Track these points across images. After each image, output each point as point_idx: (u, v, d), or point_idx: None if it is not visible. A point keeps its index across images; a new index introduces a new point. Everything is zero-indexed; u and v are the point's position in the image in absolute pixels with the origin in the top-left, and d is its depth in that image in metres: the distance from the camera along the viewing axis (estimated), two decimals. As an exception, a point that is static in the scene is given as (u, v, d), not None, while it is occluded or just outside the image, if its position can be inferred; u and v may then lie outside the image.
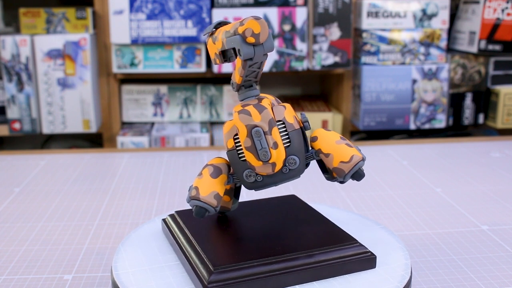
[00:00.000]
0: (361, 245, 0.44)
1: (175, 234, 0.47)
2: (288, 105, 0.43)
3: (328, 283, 0.42)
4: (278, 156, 0.42)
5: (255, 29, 0.40)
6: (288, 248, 0.43)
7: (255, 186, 0.43)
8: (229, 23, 0.44)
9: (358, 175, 0.43)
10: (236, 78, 0.43)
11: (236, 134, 0.43)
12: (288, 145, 0.43)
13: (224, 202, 0.48)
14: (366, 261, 0.43)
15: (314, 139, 0.44)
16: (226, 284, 0.40)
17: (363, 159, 0.44)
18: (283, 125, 0.43)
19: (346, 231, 0.48)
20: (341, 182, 0.45)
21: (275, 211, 0.50)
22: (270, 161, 0.42)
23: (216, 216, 0.50)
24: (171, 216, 0.50)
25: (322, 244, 0.44)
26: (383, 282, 0.42)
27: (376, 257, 0.44)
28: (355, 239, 0.45)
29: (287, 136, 0.43)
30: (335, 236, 0.45)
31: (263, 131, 0.41)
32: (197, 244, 0.44)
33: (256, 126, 0.41)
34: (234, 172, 0.44)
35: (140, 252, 0.47)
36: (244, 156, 0.43)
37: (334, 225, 0.48)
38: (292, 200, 0.53)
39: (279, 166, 0.42)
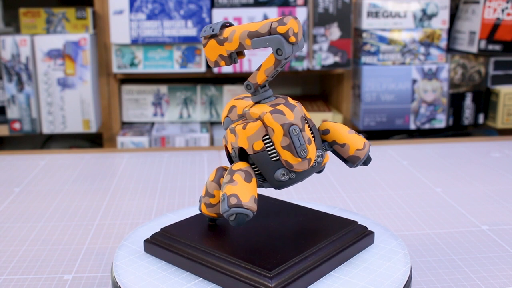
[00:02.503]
0: (360, 224, 0.48)
1: (178, 251, 0.45)
2: (299, 103, 0.44)
3: (351, 263, 0.45)
4: (312, 151, 0.43)
5: (295, 28, 0.40)
6: (311, 241, 0.44)
7: (286, 184, 0.43)
8: (232, 24, 0.44)
9: (368, 159, 0.47)
10: (259, 79, 0.43)
11: (266, 135, 0.42)
12: (313, 140, 0.44)
13: None
14: (368, 238, 0.47)
15: (326, 132, 0.46)
16: (287, 284, 0.40)
17: (370, 145, 0.47)
18: (306, 121, 0.44)
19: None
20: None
21: (258, 211, 0.50)
22: (307, 157, 0.42)
23: (207, 224, 0.48)
24: (159, 234, 0.47)
25: (333, 232, 0.46)
26: (383, 282, 0.42)
27: (374, 232, 0.48)
28: (354, 221, 0.48)
29: (311, 131, 0.44)
30: (338, 223, 0.48)
31: (299, 128, 0.42)
32: (224, 255, 0.42)
33: (292, 124, 0.42)
34: (263, 173, 0.43)
35: (140, 252, 0.47)
36: (276, 156, 0.42)
37: (327, 214, 0.50)
38: (260, 198, 0.54)
39: (312, 160, 0.43)
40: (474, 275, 0.47)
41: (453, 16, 1.52)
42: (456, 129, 1.55)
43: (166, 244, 0.46)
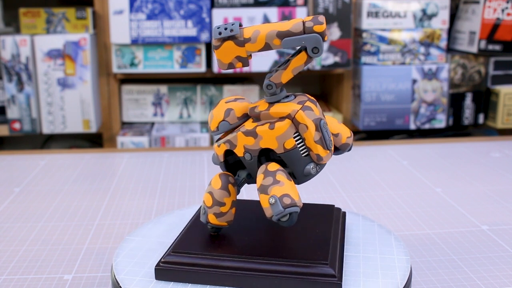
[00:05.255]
0: (336, 207, 0.51)
1: (209, 267, 0.42)
2: None
3: (352, 247, 0.46)
4: (333, 142, 0.45)
5: (326, 27, 0.42)
6: (323, 229, 0.47)
7: (310, 178, 0.44)
8: (241, 25, 0.44)
9: (351, 146, 0.49)
10: (284, 78, 0.43)
11: (296, 132, 0.43)
12: None
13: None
14: (344, 218, 0.50)
15: None
16: (340, 270, 0.41)
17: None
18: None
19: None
20: None
21: (251, 212, 0.50)
22: (332, 148, 0.44)
23: (208, 233, 0.47)
24: (171, 255, 0.43)
25: (329, 218, 0.49)
26: (383, 282, 0.42)
27: (346, 212, 0.51)
28: (332, 204, 0.51)
29: None
30: (322, 209, 0.50)
31: (325, 122, 0.43)
32: (266, 258, 0.42)
33: (321, 119, 0.43)
34: (293, 170, 0.43)
35: (140, 252, 0.47)
36: (306, 152, 0.43)
37: (305, 204, 0.51)
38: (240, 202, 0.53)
39: (332, 151, 0.45)
40: (474, 275, 0.47)
41: (453, 16, 1.52)
42: (456, 129, 1.55)
43: (188, 264, 0.42)
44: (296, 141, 0.43)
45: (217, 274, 0.41)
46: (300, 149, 0.43)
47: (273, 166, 0.43)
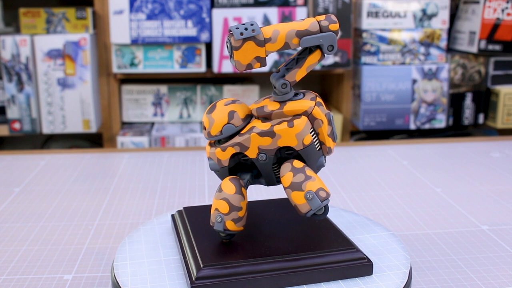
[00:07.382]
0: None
1: (246, 273, 0.41)
2: None
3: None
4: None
5: (339, 25, 0.43)
6: (326, 220, 0.48)
7: (320, 169, 0.45)
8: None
9: None
10: (299, 77, 0.44)
11: (311, 128, 0.44)
12: None
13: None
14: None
15: None
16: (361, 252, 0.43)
17: None
18: None
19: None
20: None
21: (257, 213, 0.50)
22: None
23: (219, 240, 0.46)
24: (204, 270, 0.41)
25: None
26: (383, 283, 0.42)
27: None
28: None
29: None
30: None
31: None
32: (298, 255, 0.42)
33: (330, 113, 0.44)
34: (308, 164, 0.45)
35: (140, 252, 0.47)
36: (319, 146, 0.44)
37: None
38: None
39: None
40: (474, 275, 0.47)
41: (453, 16, 1.52)
42: (456, 129, 1.55)
43: (227, 275, 0.41)
44: (312, 136, 0.44)
45: (257, 279, 0.41)
46: (315, 143, 0.44)
47: (298, 163, 0.44)
